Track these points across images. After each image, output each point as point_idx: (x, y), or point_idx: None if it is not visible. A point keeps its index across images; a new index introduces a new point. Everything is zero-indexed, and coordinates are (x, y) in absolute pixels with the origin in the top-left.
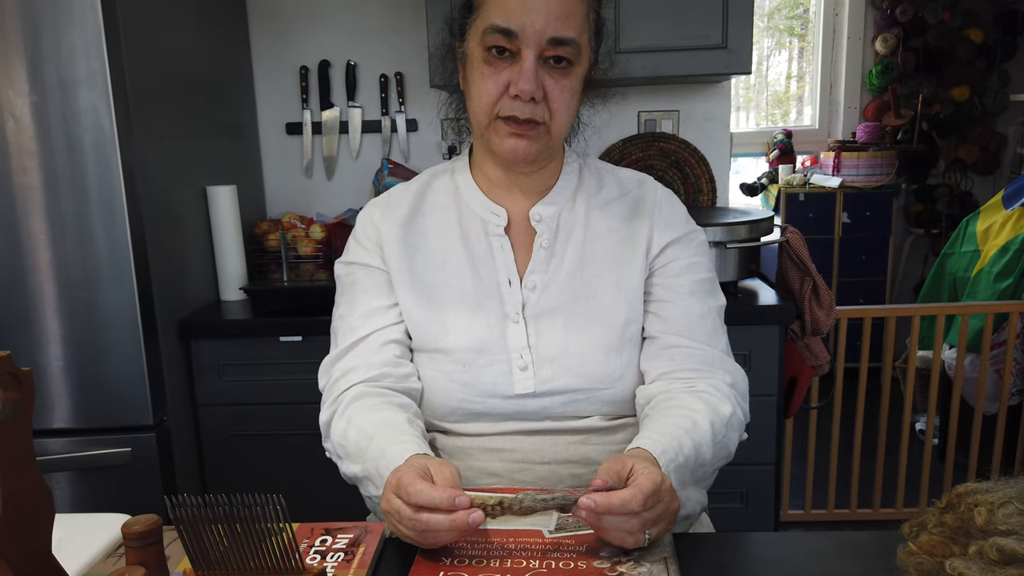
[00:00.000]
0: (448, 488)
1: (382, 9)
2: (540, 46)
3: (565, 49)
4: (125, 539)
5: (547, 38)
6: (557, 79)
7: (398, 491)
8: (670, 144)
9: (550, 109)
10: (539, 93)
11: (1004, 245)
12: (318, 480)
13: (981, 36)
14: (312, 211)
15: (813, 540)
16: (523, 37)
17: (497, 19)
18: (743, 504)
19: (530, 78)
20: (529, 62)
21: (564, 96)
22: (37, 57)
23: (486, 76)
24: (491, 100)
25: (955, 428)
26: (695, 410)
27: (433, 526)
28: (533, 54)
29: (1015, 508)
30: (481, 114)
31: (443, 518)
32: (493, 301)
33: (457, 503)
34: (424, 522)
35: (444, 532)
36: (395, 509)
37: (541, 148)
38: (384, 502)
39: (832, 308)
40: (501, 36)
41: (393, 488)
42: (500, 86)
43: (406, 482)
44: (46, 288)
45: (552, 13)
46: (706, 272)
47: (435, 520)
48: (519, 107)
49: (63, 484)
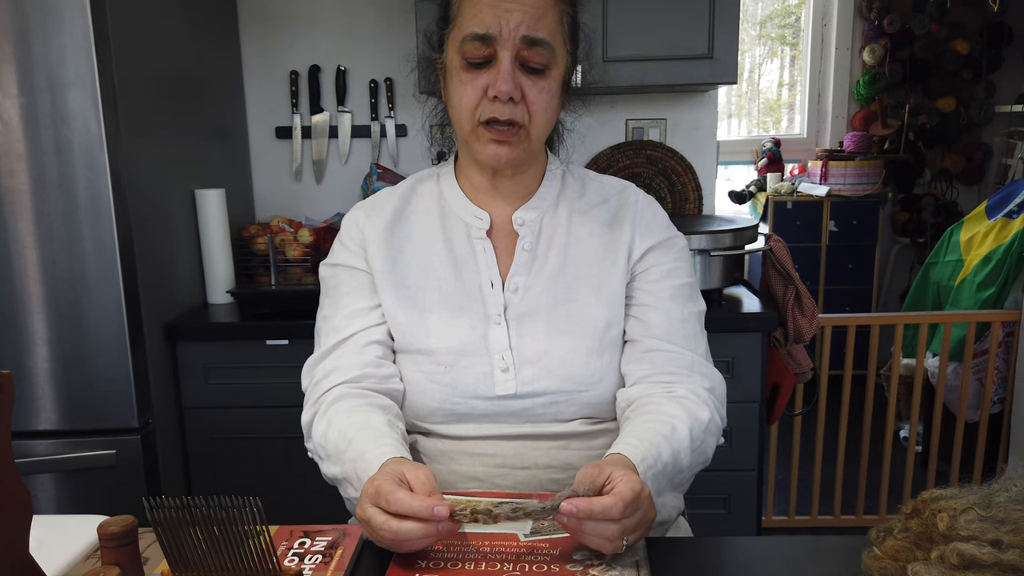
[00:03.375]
0: (426, 497)
1: (372, 15)
2: (515, 47)
3: (539, 51)
4: (100, 539)
5: (520, 37)
6: (534, 80)
7: (376, 500)
8: (657, 152)
9: (529, 111)
10: (517, 94)
11: (987, 255)
12: (303, 483)
13: (967, 48)
14: (301, 215)
15: (784, 545)
16: (498, 39)
17: (472, 27)
18: (725, 510)
19: (507, 79)
20: (506, 63)
21: (542, 97)
22: (26, 60)
23: (465, 83)
24: (471, 105)
25: (938, 436)
26: (674, 416)
27: (406, 535)
28: (509, 55)
29: (976, 515)
30: (463, 120)
31: (416, 527)
32: (475, 303)
33: (436, 512)
34: (396, 531)
35: (418, 540)
36: (369, 517)
37: (522, 152)
38: (359, 510)
39: (815, 316)
40: (478, 42)
41: (371, 497)
42: (479, 91)
43: (385, 491)
44: (33, 290)
45: (525, 15)
46: (686, 277)
47: (408, 528)
48: (499, 108)
49: (48, 486)
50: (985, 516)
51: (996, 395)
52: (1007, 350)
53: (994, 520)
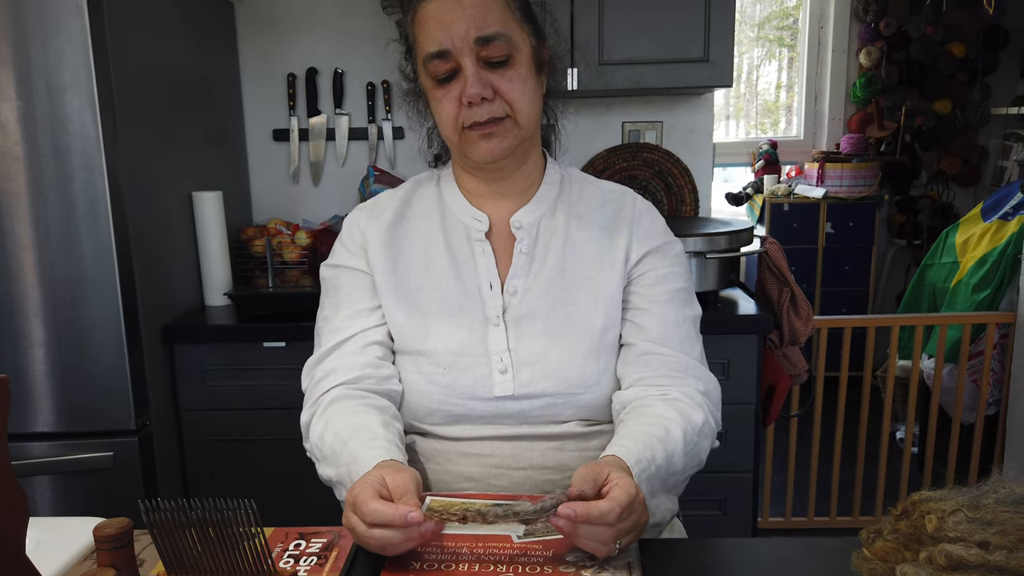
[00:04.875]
0: (399, 506)
1: (369, 18)
2: (472, 51)
3: (496, 45)
4: (96, 541)
5: (473, 40)
6: (502, 72)
7: (355, 509)
8: (654, 154)
9: (506, 101)
10: (488, 92)
11: (982, 257)
12: (300, 485)
13: (963, 50)
14: (298, 217)
15: (777, 546)
16: (455, 51)
17: (427, 48)
18: (721, 511)
19: (474, 82)
20: (470, 69)
21: (515, 85)
22: (24, 63)
23: (440, 99)
24: (452, 116)
25: (933, 437)
26: (668, 419)
27: (388, 541)
28: (470, 60)
29: (964, 516)
30: (449, 131)
31: (395, 533)
32: (474, 305)
33: (409, 519)
34: (378, 538)
35: (402, 544)
36: (352, 526)
37: (514, 141)
38: (344, 518)
39: (810, 318)
40: (438, 60)
41: (351, 506)
42: (455, 101)
43: (360, 502)
44: (30, 292)
45: (470, 18)
46: (682, 282)
47: (388, 536)
48: (476, 112)
49: (45, 488)
50: (973, 518)
51: (992, 396)
52: (1002, 352)
53: (982, 521)
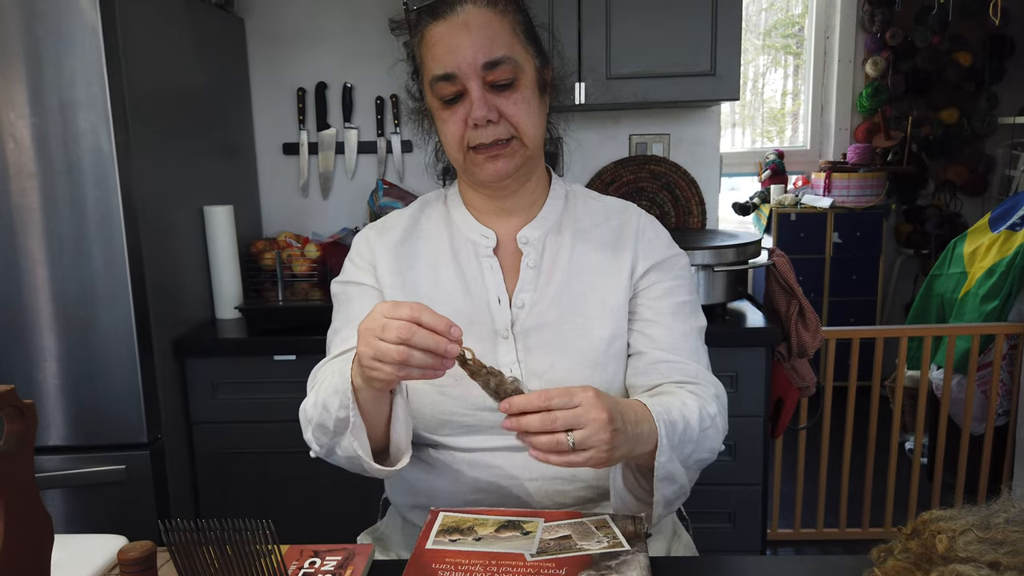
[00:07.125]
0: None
1: (379, 33)
2: (478, 75)
3: (502, 68)
4: (121, 565)
5: (481, 65)
6: (507, 95)
7: (393, 310)
8: (661, 167)
9: (512, 123)
10: (494, 114)
11: (990, 267)
12: (312, 497)
13: (969, 59)
14: (308, 230)
15: (787, 564)
16: (461, 74)
17: (435, 70)
18: (731, 524)
19: (480, 105)
20: (476, 92)
21: (520, 108)
22: (38, 80)
23: (446, 120)
24: (457, 137)
25: (943, 448)
26: (685, 396)
27: (420, 341)
28: (476, 84)
29: (975, 536)
30: (455, 152)
31: (428, 334)
32: (484, 318)
33: (452, 333)
34: (412, 333)
35: (422, 356)
36: (380, 325)
37: (520, 160)
38: (367, 320)
39: (818, 331)
40: (444, 82)
41: (385, 309)
42: (460, 123)
43: (406, 301)
44: (43, 306)
45: (477, 43)
46: (687, 295)
47: (422, 335)
48: (481, 134)
49: (57, 501)
50: (983, 538)
51: (1001, 407)
52: (1011, 363)
53: (992, 542)
